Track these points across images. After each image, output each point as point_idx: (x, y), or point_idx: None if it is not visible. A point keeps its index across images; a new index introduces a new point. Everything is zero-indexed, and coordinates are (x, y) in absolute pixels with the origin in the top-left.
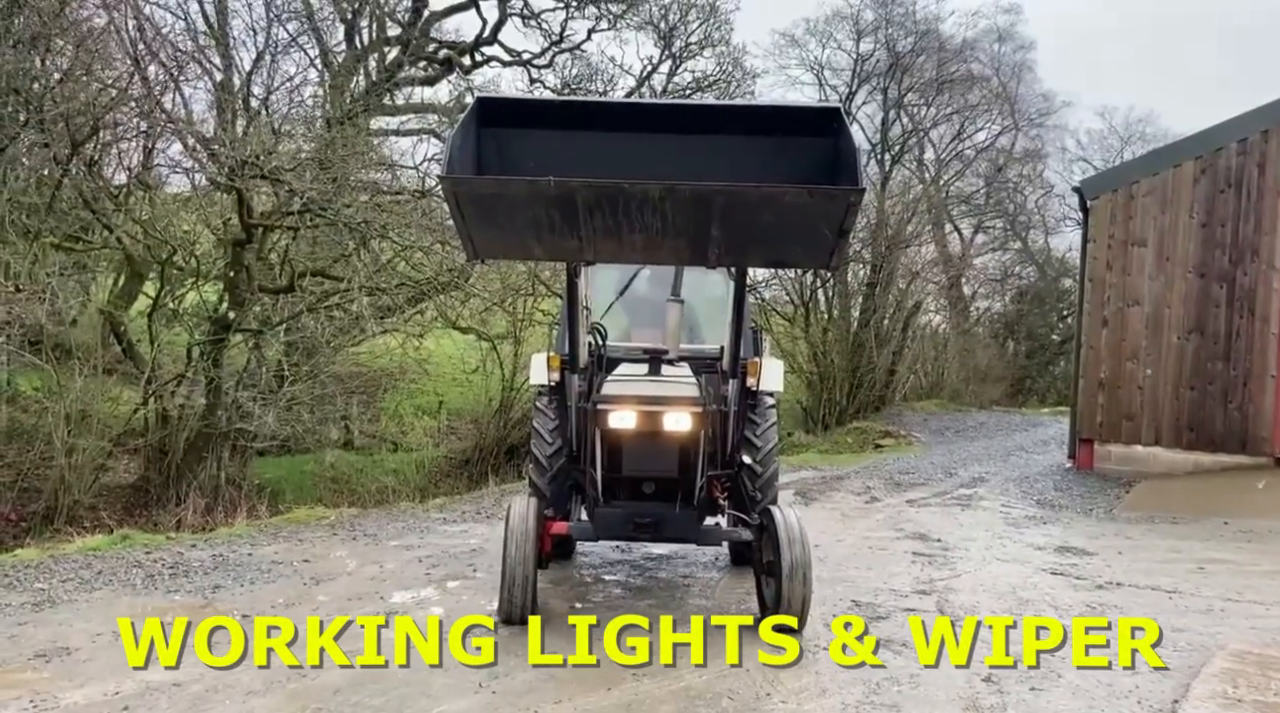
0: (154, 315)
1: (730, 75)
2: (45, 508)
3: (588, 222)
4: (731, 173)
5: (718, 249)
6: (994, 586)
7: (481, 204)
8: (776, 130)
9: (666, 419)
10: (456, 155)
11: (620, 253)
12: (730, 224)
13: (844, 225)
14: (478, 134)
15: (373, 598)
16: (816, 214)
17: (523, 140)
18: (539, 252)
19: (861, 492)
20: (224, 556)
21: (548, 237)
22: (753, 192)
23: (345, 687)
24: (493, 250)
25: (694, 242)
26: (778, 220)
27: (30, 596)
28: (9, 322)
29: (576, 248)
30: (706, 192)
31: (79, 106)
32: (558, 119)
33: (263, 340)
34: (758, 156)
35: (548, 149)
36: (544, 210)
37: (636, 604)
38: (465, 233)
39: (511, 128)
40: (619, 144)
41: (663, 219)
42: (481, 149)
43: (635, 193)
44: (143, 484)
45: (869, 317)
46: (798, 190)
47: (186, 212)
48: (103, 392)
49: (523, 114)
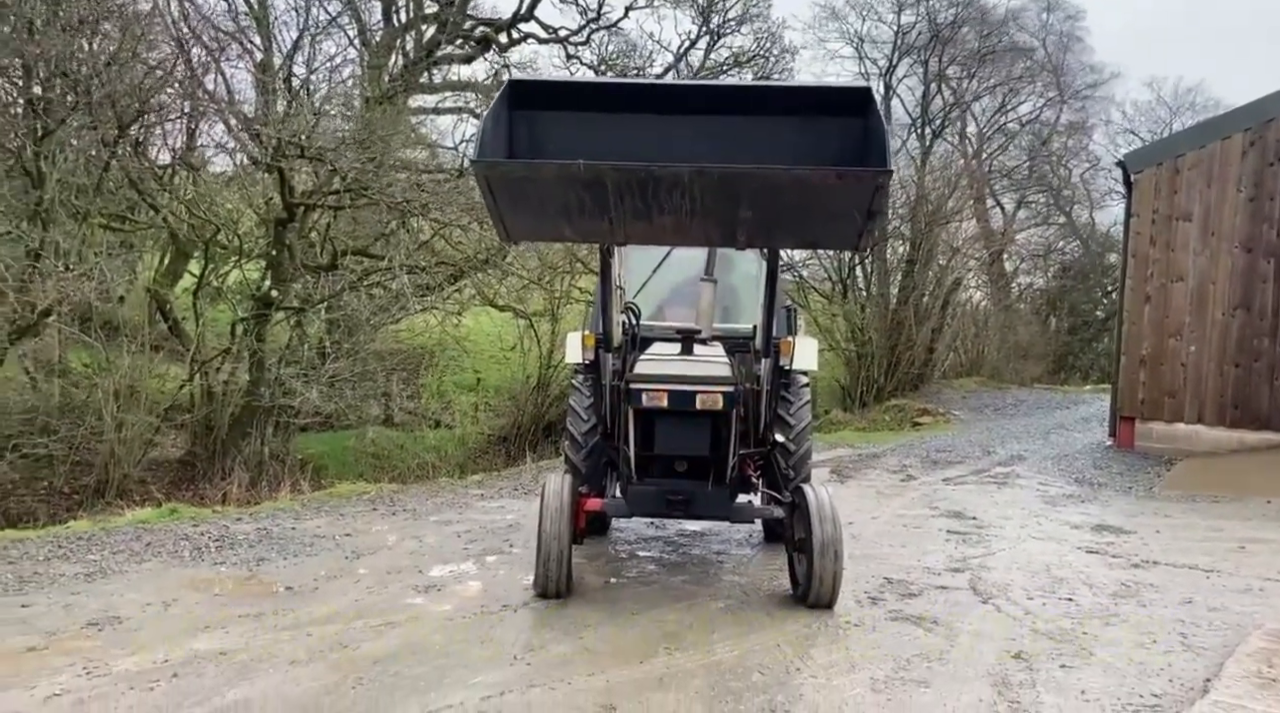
0: (199, 293)
1: (768, 51)
2: (96, 481)
3: (618, 204)
4: (762, 154)
5: (747, 231)
6: (1028, 564)
7: (513, 187)
8: (807, 110)
9: (698, 399)
10: (488, 139)
11: (650, 235)
12: (759, 206)
13: (872, 207)
14: (510, 117)
15: (412, 572)
16: (845, 196)
17: (555, 123)
18: (570, 233)
19: (897, 470)
20: (268, 529)
21: (578, 219)
22: (781, 174)
23: (385, 658)
24: (525, 232)
25: (723, 223)
26: (806, 202)
27: (83, 567)
28: (58, 300)
29: (607, 230)
30: (735, 174)
31: (125, 89)
32: (589, 101)
33: (304, 318)
34: (788, 137)
35: (580, 131)
36: (575, 193)
37: (670, 580)
38: (498, 215)
39: (544, 110)
40: (650, 126)
41: (692, 201)
42: (514, 132)
43: (665, 175)
44: (190, 459)
45: (908, 294)
46: (825, 172)
47: (229, 191)
48: (150, 368)
49: (555, 96)
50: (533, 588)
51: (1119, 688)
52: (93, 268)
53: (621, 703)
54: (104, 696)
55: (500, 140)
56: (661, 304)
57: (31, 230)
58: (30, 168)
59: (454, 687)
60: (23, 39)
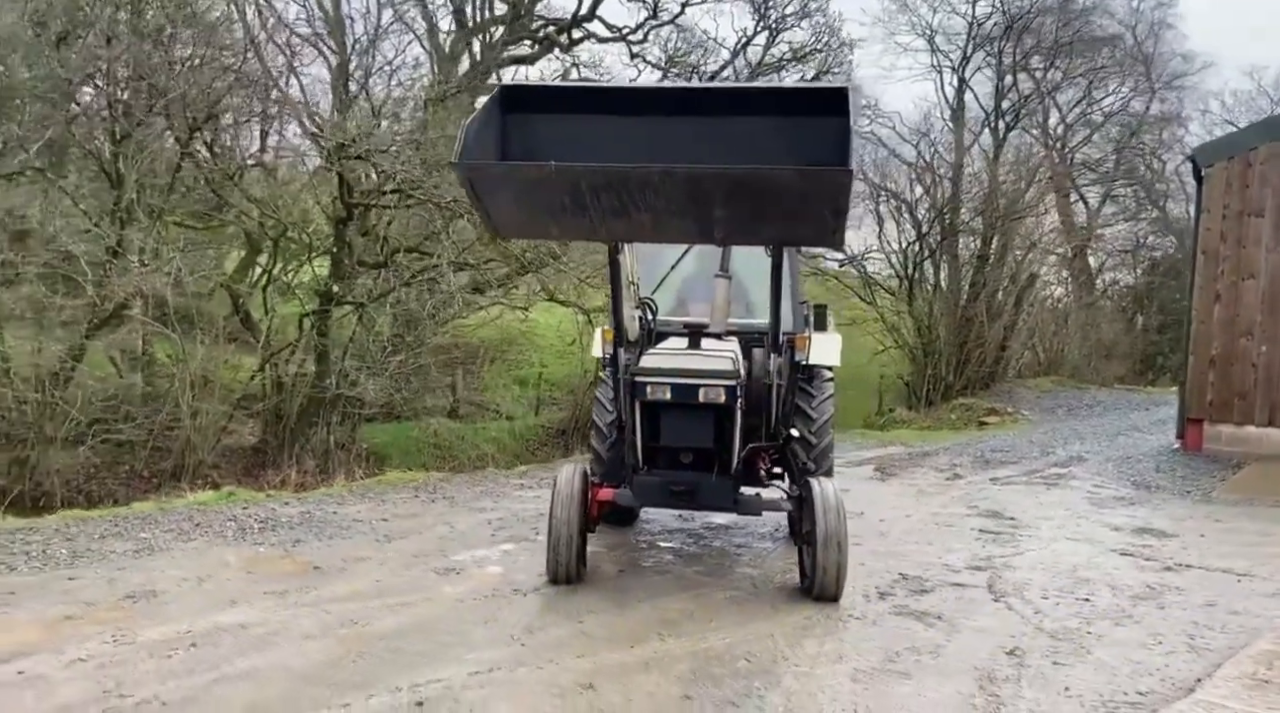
0: (268, 288)
1: (827, 46)
2: (173, 466)
3: (595, 203)
4: (747, 154)
5: (722, 228)
6: (1054, 564)
7: (494, 187)
8: (794, 111)
9: (699, 391)
10: (470, 141)
11: (630, 232)
12: (731, 205)
13: (838, 206)
14: (503, 120)
15: (436, 555)
16: (812, 195)
17: (548, 126)
18: (555, 231)
19: (945, 469)
20: (311, 513)
21: (562, 217)
22: (745, 173)
23: (392, 634)
24: (513, 229)
25: (698, 221)
26: (776, 201)
27: (134, 544)
28: (133, 294)
29: (589, 227)
30: (700, 174)
31: (197, 93)
32: (582, 105)
33: (366, 312)
34: (775, 137)
35: (573, 134)
36: (553, 193)
37: (685, 570)
38: (483, 212)
39: (538, 114)
40: (642, 128)
41: (665, 200)
42: (507, 135)
43: (635, 176)
44: (262, 446)
45: (978, 290)
46: (787, 171)
47: (297, 190)
48: (223, 359)
49: (548, 101)
50: (545, 573)
51: (1105, 686)
52: (167, 264)
53: (602, 683)
54: (124, 662)
55: (490, 143)
56: (684, 299)
57: (110, 228)
58: (110, 169)
59: (448, 663)
60: (103, 47)
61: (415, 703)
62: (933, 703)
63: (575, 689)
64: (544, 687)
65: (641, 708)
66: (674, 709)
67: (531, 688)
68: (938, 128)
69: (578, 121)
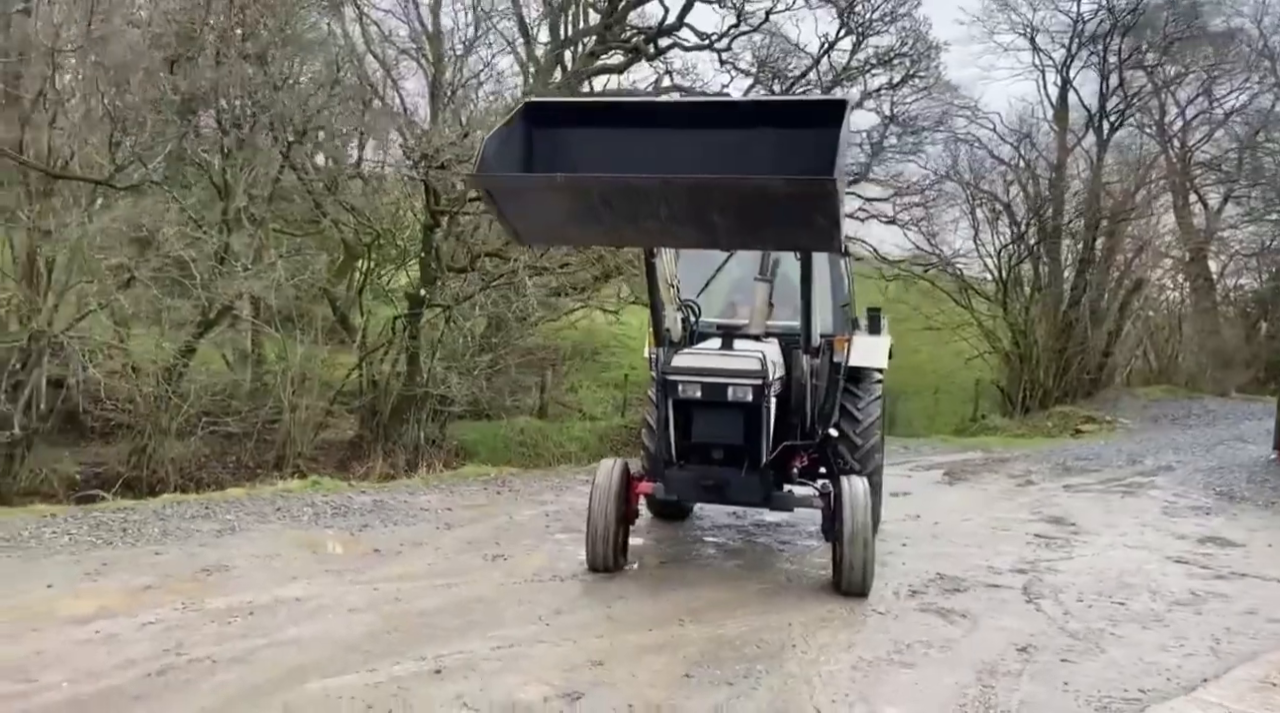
0: (363, 292)
1: (914, 49)
2: (275, 457)
3: (606, 211)
4: (759, 165)
5: (724, 235)
6: (1101, 570)
7: (511, 197)
8: (803, 122)
9: (728, 390)
10: (489, 155)
11: (641, 238)
12: (728, 212)
13: (830, 213)
14: (529, 134)
15: (489, 543)
16: (805, 201)
17: (573, 139)
18: (576, 237)
19: (1020, 475)
20: (384, 501)
21: (577, 224)
22: (738, 182)
23: (431, 612)
24: (536, 236)
25: (701, 227)
26: (770, 208)
27: (218, 525)
28: (237, 296)
29: (605, 234)
30: (696, 183)
31: (294, 108)
32: (603, 119)
33: (452, 315)
34: (785, 148)
35: (595, 146)
36: (565, 202)
37: (724, 564)
38: (505, 221)
39: (563, 128)
40: (660, 139)
41: (669, 208)
42: (533, 148)
43: (637, 186)
44: (358, 440)
45: (1079, 293)
46: (777, 181)
47: (390, 199)
48: (322, 358)
49: (572, 115)
50: (585, 562)
51: (1107, 684)
52: (270, 269)
53: (611, 661)
54: (188, 626)
55: (514, 155)
56: (734, 302)
57: (218, 236)
58: (218, 181)
59: (474, 638)
60: (212, 68)
61: (434, 671)
62: (926, 692)
63: (584, 665)
64: (556, 662)
65: (641, 683)
66: (671, 685)
67: (543, 662)
68: (1039, 128)
69: (599, 134)
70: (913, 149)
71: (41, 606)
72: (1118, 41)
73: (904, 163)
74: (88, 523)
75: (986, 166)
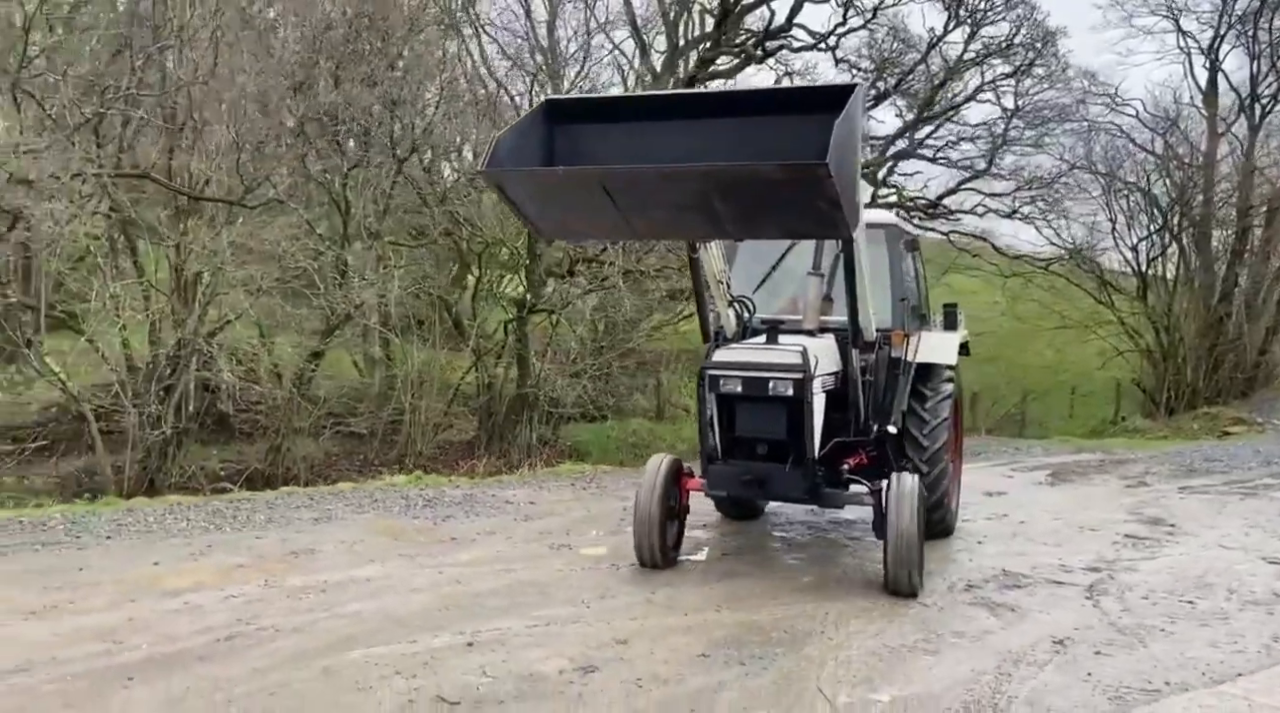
0: (476, 298)
1: (1028, 37)
2: (397, 456)
3: (614, 204)
4: (773, 152)
5: (730, 223)
6: (1182, 569)
7: (522, 192)
8: (815, 109)
9: (769, 384)
10: (502, 152)
11: (652, 230)
12: (729, 200)
13: (830, 198)
14: (550, 131)
15: (560, 534)
16: (801, 187)
17: (592, 135)
18: (589, 230)
19: (1134, 477)
20: (474, 495)
21: (595, 216)
22: (733, 169)
23: (485, 593)
24: (554, 231)
25: (707, 217)
26: (768, 195)
27: (317, 514)
28: (357, 305)
29: (618, 227)
30: (692, 172)
31: (409, 126)
32: (625, 114)
33: (558, 319)
34: (804, 135)
35: (614, 141)
36: (573, 195)
37: (784, 557)
38: (522, 216)
39: (583, 123)
40: (678, 131)
41: (674, 198)
42: (555, 145)
43: (639, 175)
44: (475, 440)
45: (1231, 286)
46: (770, 167)
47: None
48: (440, 362)
49: (590, 111)
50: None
51: (1135, 675)
52: (386, 278)
53: (636, 639)
54: (266, 599)
55: (533, 152)
56: (795, 297)
57: (338, 248)
58: (339, 198)
59: (515, 617)
60: (333, 90)
61: (467, 644)
62: (936, 676)
63: (609, 643)
64: (583, 638)
65: (656, 660)
66: (685, 663)
67: (572, 639)
68: (1185, 114)
69: (618, 130)
70: (1035, 142)
71: (145, 580)
72: (1270, 20)
73: (1032, 156)
74: (206, 511)
75: (1123, 155)
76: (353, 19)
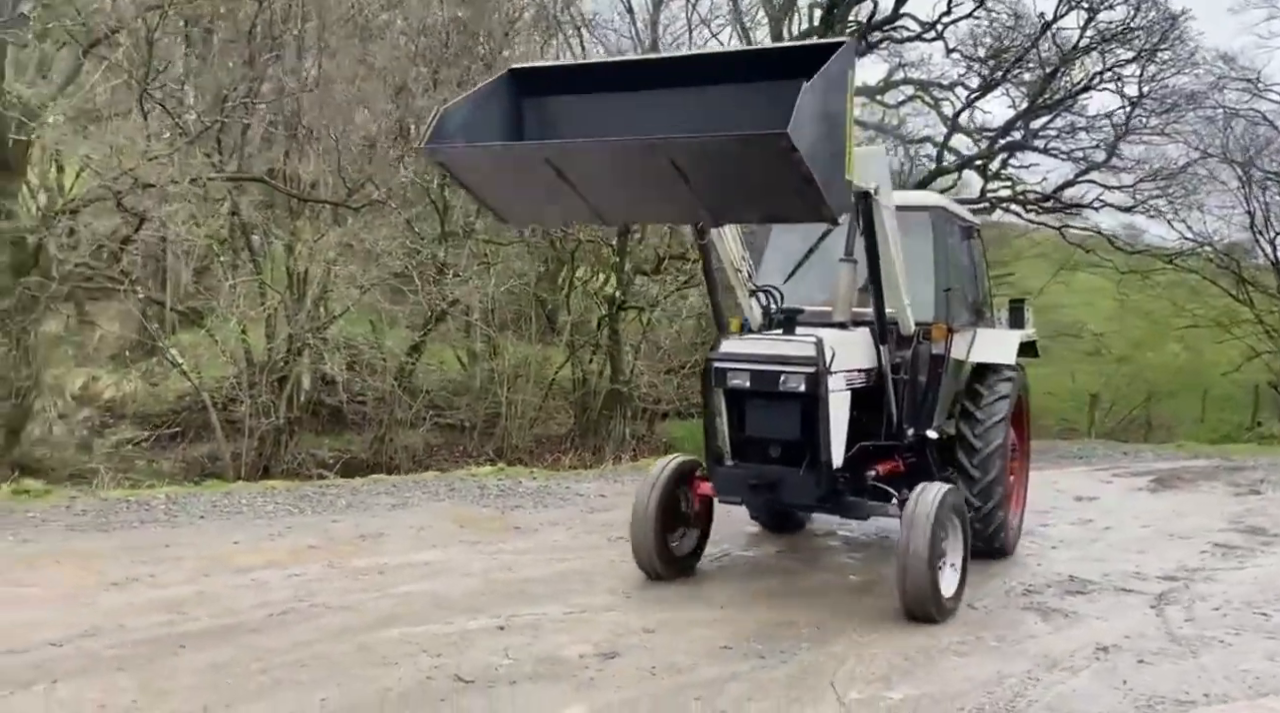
0: (570, 294)
1: (1149, 20)
2: (494, 449)
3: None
4: (755, 119)
5: (704, 206)
6: (1269, 582)
7: (470, 172)
8: (807, 71)
9: (779, 379)
10: (451, 125)
11: (621, 213)
12: (697, 178)
13: (802, 174)
14: (518, 104)
15: (621, 527)
16: (770, 164)
17: (562, 106)
18: (554, 214)
19: (1246, 484)
20: (548, 487)
21: (548, 199)
22: (686, 143)
23: (533, 580)
24: (517, 216)
25: (676, 199)
26: (735, 172)
27: (395, 500)
28: (453, 302)
29: (586, 210)
30: (640, 146)
31: None
32: (601, 83)
33: (651, 316)
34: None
35: (586, 113)
36: (524, 175)
37: (838, 557)
38: (479, 199)
39: (551, 95)
40: (658, 101)
41: (633, 175)
42: (523, 118)
43: (587, 151)
44: (570, 435)
45: None
46: (726, 138)
47: None
48: (535, 357)
49: (559, 82)
50: None
51: (1170, 685)
52: (480, 275)
53: (663, 629)
54: (326, 579)
55: (494, 125)
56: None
57: (436, 247)
58: (436, 199)
59: (553, 603)
60: (432, 90)
61: (499, 627)
62: (957, 677)
63: (637, 631)
64: (612, 626)
65: (677, 650)
66: (704, 653)
67: (600, 626)
68: None
69: (592, 101)
70: (1161, 130)
71: (222, 557)
72: None
73: (1158, 146)
74: (295, 495)
75: (1262, 142)
76: (448, 24)
